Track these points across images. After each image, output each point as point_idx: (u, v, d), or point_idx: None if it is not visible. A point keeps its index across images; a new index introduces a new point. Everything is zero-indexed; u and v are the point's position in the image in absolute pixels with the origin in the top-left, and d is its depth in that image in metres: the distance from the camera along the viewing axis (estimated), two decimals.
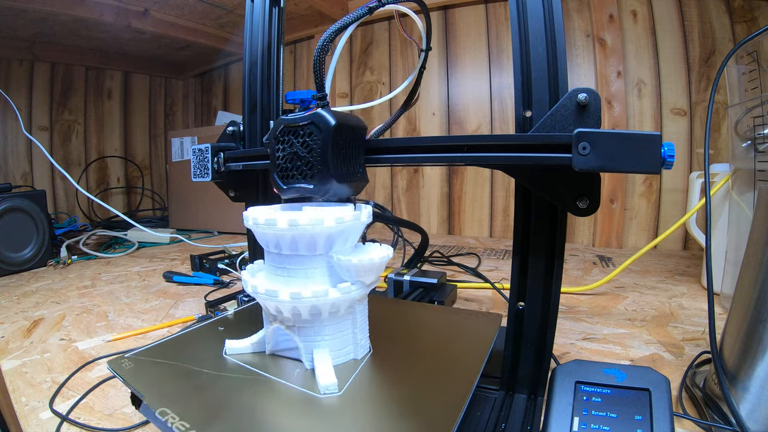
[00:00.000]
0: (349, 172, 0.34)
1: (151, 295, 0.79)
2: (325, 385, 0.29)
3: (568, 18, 1.22)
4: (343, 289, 0.31)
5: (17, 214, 0.99)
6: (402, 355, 0.36)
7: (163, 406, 0.28)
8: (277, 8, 0.51)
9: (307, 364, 0.33)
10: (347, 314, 0.33)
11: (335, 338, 0.33)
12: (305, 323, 0.32)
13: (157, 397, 0.29)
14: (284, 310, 0.31)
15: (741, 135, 0.61)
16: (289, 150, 0.34)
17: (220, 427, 0.26)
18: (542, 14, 0.32)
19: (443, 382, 0.31)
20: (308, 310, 0.31)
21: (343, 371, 0.32)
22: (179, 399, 0.29)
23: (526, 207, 0.35)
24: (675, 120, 1.13)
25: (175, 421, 0.26)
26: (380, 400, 0.29)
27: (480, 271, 0.92)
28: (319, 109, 0.33)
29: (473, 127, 1.37)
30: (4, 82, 1.51)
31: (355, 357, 0.34)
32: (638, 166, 0.27)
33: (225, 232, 1.51)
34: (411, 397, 0.29)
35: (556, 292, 0.34)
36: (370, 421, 0.27)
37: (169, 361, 0.34)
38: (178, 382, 0.31)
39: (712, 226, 0.73)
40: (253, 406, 0.29)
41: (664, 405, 0.28)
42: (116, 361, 0.34)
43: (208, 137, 1.45)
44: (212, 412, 0.28)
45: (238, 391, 0.30)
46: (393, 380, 0.32)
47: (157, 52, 1.80)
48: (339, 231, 0.31)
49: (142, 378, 0.32)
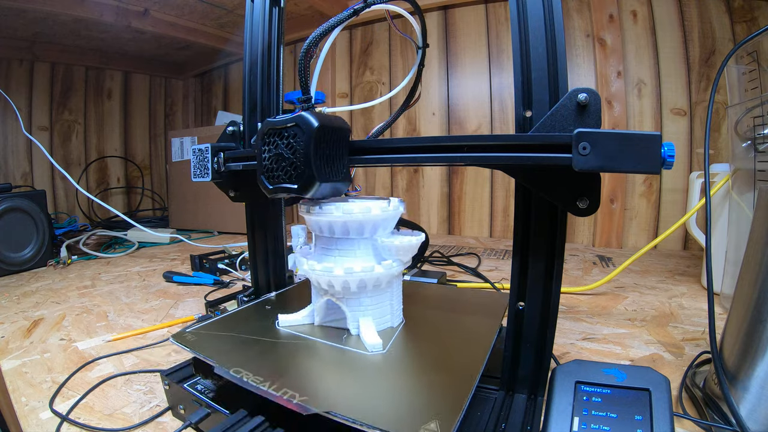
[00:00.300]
0: (332, 172, 0.36)
1: (151, 295, 0.79)
2: (372, 344, 0.35)
3: (568, 18, 1.22)
4: (386, 265, 0.37)
5: (17, 214, 0.99)
6: (428, 324, 0.42)
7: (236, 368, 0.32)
8: (277, 8, 0.51)
9: (353, 330, 0.38)
10: (387, 288, 0.39)
11: (377, 308, 0.39)
12: (353, 295, 0.38)
13: (227, 361, 0.33)
14: (336, 284, 0.37)
15: (741, 135, 0.61)
16: (274, 151, 0.36)
17: (289, 379, 0.30)
18: (542, 14, 0.32)
19: (462, 345, 0.37)
20: (357, 283, 0.37)
21: (384, 336, 0.38)
22: (247, 362, 0.33)
23: (526, 207, 0.35)
24: (675, 120, 1.13)
25: (250, 376, 0.30)
26: (417, 358, 0.35)
27: (480, 271, 0.92)
28: (303, 111, 0.34)
29: (473, 127, 1.37)
30: (4, 82, 1.51)
31: (392, 325, 0.40)
32: (638, 166, 0.27)
33: (225, 232, 1.51)
34: (440, 355, 0.35)
35: (556, 292, 0.34)
36: (412, 372, 0.33)
37: (229, 333, 0.39)
38: (242, 350, 0.36)
39: (712, 226, 0.73)
40: (312, 364, 0.34)
41: (664, 405, 0.28)
42: (180, 335, 0.38)
43: (208, 137, 1.45)
44: (279, 370, 0.32)
45: (297, 353, 0.35)
46: (424, 343, 0.38)
47: (157, 52, 1.80)
48: (383, 218, 0.38)
49: (208, 347, 0.36)
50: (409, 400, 0.29)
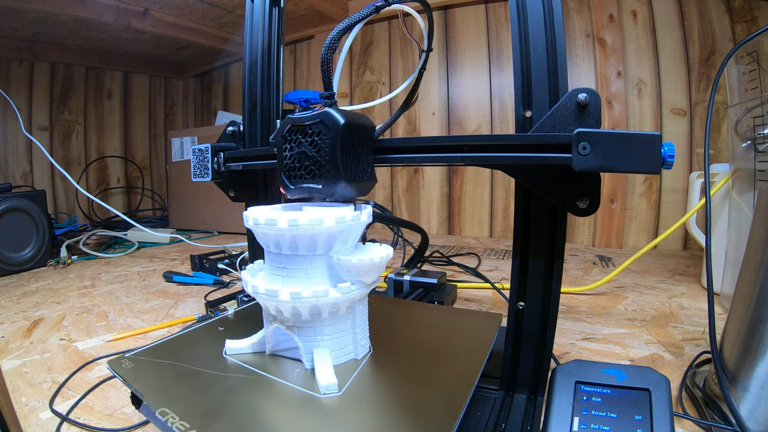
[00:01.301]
0: (358, 171, 0.34)
1: (151, 295, 0.79)
2: (325, 385, 0.29)
3: (568, 18, 1.22)
4: (343, 289, 0.31)
5: (17, 214, 0.99)
6: (402, 354, 0.36)
7: (164, 406, 0.28)
8: (277, 8, 0.51)
9: (307, 364, 0.33)
10: (347, 314, 0.33)
11: (335, 338, 0.33)
12: (305, 323, 0.32)
13: (158, 397, 0.29)
14: (284, 310, 0.31)
15: (741, 135, 0.61)
16: (297, 149, 0.34)
17: (220, 426, 0.26)
18: (542, 14, 0.32)
19: (443, 382, 0.31)
20: (308, 310, 0.31)
21: (343, 371, 0.32)
22: (179, 399, 0.29)
23: (526, 207, 0.35)
24: (675, 120, 1.13)
25: (176, 421, 0.26)
26: (380, 400, 0.29)
27: (480, 271, 0.92)
28: (328, 108, 0.32)
29: (473, 127, 1.37)
30: (4, 82, 1.51)
31: (355, 357, 0.34)
32: (638, 166, 0.27)
33: (225, 232, 1.51)
34: (411, 396, 0.29)
35: (556, 292, 0.34)
36: (371, 420, 0.27)
37: (170, 361, 0.34)
38: (179, 382, 0.31)
39: (712, 226, 0.73)
40: (253, 406, 0.29)
41: (664, 405, 0.28)
42: (116, 361, 0.34)
43: (208, 137, 1.45)
44: (212, 412, 0.28)
45: (238, 391, 0.30)
46: (393, 380, 0.32)
47: (157, 52, 1.80)
48: (339, 231, 0.31)
49: (143, 378, 0.32)
50: None
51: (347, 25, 0.34)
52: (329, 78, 0.34)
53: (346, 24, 0.34)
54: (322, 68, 0.34)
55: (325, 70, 0.34)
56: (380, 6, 0.36)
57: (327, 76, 0.34)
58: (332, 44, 0.33)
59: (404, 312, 0.47)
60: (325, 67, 0.34)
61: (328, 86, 0.34)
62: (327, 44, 0.33)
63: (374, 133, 0.36)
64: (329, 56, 0.33)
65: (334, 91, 0.34)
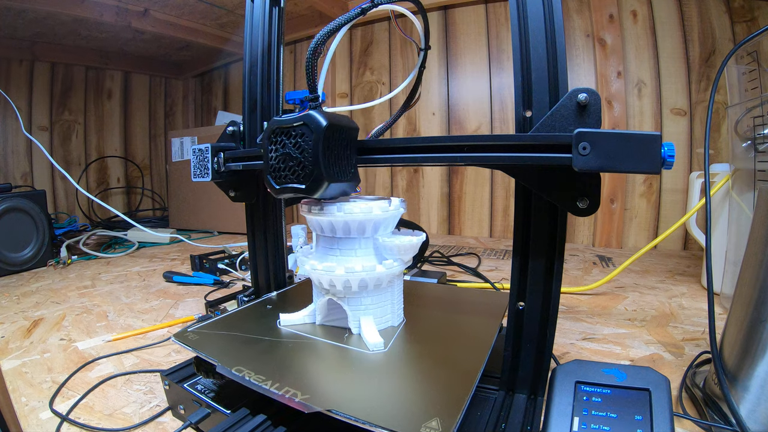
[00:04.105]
0: (341, 172, 0.35)
1: (151, 295, 0.79)
2: (373, 343, 0.35)
3: (568, 18, 1.22)
4: (387, 264, 0.37)
5: (17, 214, 0.99)
6: (429, 324, 0.42)
7: (238, 366, 0.32)
8: (277, 8, 0.51)
9: (355, 329, 0.38)
10: (388, 287, 0.39)
11: (378, 307, 0.39)
12: (354, 294, 0.38)
13: (229, 360, 0.33)
14: (338, 283, 0.37)
15: (741, 135, 0.61)
16: (281, 150, 0.35)
17: (291, 378, 0.30)
18: (542, 14, 0.32)
19: (463, 344, 0.37)
20: (358, 282, 0.37)
21: (385, 335, 0.38)
22: (249, 361, 0.33)
23: (526, 207, 0.35)
24: (675, 120, 1.13)
25: (252, 375, 0.31)
26: (418, 357, 0.35)
27: (480, 271, 0.92)
28: (311, 110, 0.33)
29: (473, 127, 1.37)
30: (4, 82, 1.51)
31: (392, 324, 0.40)
32: (638, 166, 0.27)
33: (225, 232, 1.51)
34: (440, 355, 0.35)
35: (556, 292, 0.34)
36: (412, 371, 0.33)
37: (231, 332, 0.39)
38: (244, 348, 0.36)
39: (712, 226, 0.73)
40: (315, 362, 0.34)
41: (664, 405, 0.28)
42: (181, 334, 0.38)
43: (208, 137, 1.45)
44: (281, 368, 0.32)
45: (298, 352, 0.35)
46: (425, 341, 0.38)
47: (157, 52, 1.80)
48: (383, 218, 0.38)
49: (210, 347, 0.36)
50: (410, 399, 0.29)
51: (331, 28, 0.35)
52: (314, 81, 0.35)
53: (330, 27, 0.35)
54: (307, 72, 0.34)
55: (310, 73, 0.34)
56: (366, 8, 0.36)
57: (312, 79, 0.35)
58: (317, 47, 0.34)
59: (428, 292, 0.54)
60: (310, 71, 0.34)
61: (312, 89, 0.35)
62: (312, 47, 0.34)
63: (357, 134, 0.37)
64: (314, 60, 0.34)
65: (318, 93, 0.35)
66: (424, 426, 0.25)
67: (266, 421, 0.31)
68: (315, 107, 0.34)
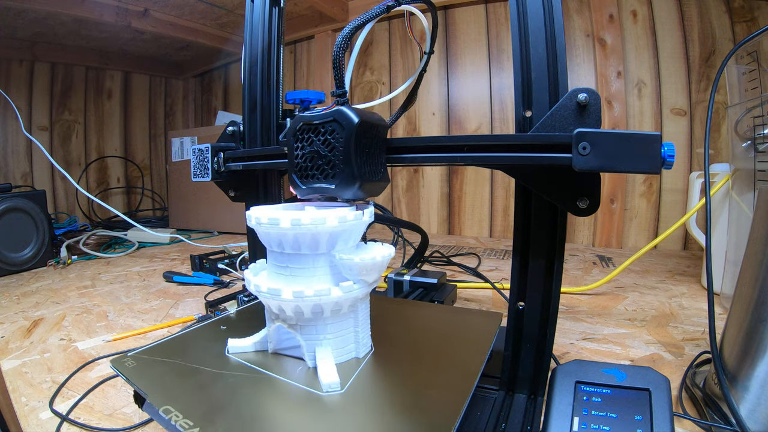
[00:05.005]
0: (372, 171, 0.33)
1: (151, 295, 0.79)
2: (327, 383, 0.29)
3: (568, 18, 1.22)
4: (345, 287, 0.31)
5: (17, 214, 0.99)
6: (403, 353, 0.36)
7: (167, 404, 0.28)
8: (277, 8, 0.51)
9: (310, 362, 0.33)
10: (349, 313, 0.33)
11: (337, 337, 0.33)
12: (308, 322, 0.32)
13: (161, 395, 0.29)
14: (287, 309, 0.31)
15: (741, 135, 0.61)
16: (309, 148, 0.33)
17: (223, 424, 0.26)
18: (542, 14, 0.32)
19: (444, 381, 0.31)
20: (311, 308, 0.31)
21: (345, 369, 0.32)
22: (182, 397, 0.29)
23: (526, 207, 0.35)
24: (675, 120, 1.13)
25: (179, 419, 0.26)
26: (382, 399, 0.29)
27: (480, 271, 0.92)
28: (341, 106, 0.32)
29: (473, 127, 1.37)
30: (4, 82, 1.51)
31: (357, 355, 0.34)
32: (638, 166, 0.27)
33: (225, 232, 1.51)
34: (412, 395, 0.29)
35: (556, 292, 0.34)
36: (373, 418, 0.27)
37: (172, 360, 0.34)
38: (181, 381, 0.31)
39: (712, 226, 0.73)
40: (256, 404, 0.29)
41: (664, 405, 0.28)
42: (119, 360, 0.34)
43: (208, 137, 1.45)
44: (215, 410, 0.28)
45: (240, 389, 0.30)
46: (394, 379, 0.32)
47: (157, 52, 1.80)
48: (341, 230, 0.31)
49: (145, 376, 0.32)
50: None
51: (359, 23, 0.34)
52: (341, 76, 0.33)
53: (357, 22, 0.34)
54: (334, 66, 0.33)
55: (337, 68, 0.33)
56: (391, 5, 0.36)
57: (339, 74, 0.33)
58: (344, 42, 0.33)
59: (404, 311, 0.47)
60: (337, 65, 0.33)
61: (340, 84, 0.34)
62: (339, 42, 0.33)
63: (387, 132, 0.35)
64: (341, 54, 0.33)
65: (346, 89, 0.34)
66: None
67: None
68: (343, 103, 0.33)
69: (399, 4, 0.36)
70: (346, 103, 0.33)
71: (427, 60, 0.44)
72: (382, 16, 0.36)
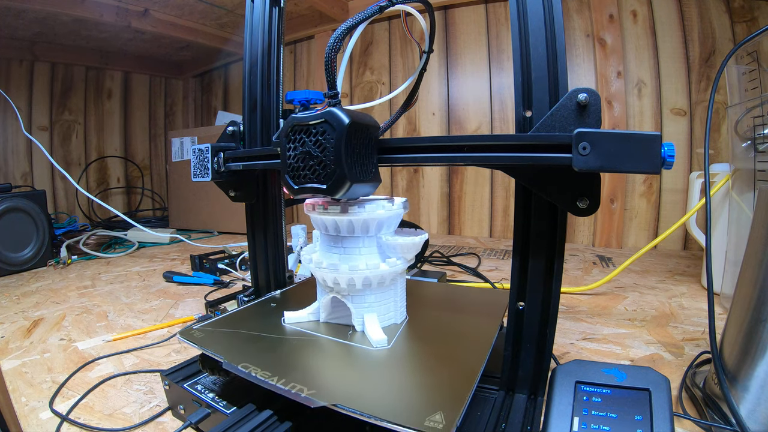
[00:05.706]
0: (363, 171, 0.34)
1: (151, 295, 0.79)
2: (376, 340, 0.36)
3: (568, 18, 1.22)
4: (391, 263, 0.38)
5: (17, 214, 0.99)
6: (431, 322, 0.43)
7: (243, 362, 0.33)
8: (277, 8, 0.51)
9: (358, 326, 0.39)
10: (390, 285, 0.40)
11: (381, 305, 0.39)
12: (358, 292, 0.39)
13: (234, 357, 0.34)
14: (341, 281, 0.38)
15: (741, 135, 0.61)
16: (300, 149, 0.34)
17: (297, 374, 0.31)
18: (542, 14, 0.32)
19: (464, 341, 0.38)
20: (362, 280, 0.37)
21: (388, 331, 0.38)
22: (254, 357, 0.34)
23: (526, 207, 0.35)
24: (675, 120, 1.13)
25: (258, 371, 0.31)
26: (421, 352, 0.35)
27: (480, 271, 0.92)
28: (332, 107, 0.32)
29: (473, 127, 1.37)
30: (4, 82, 1.51)
31: (395, 321, 0.41)
32: (638, 166, 0.27)
33: (225, 232, 1.51)
34: (442, 352, 0.36)
35: (556, 292, 0.34)
36: (415, 367, 0.33)
37: (235, 330, 0.40)
38: (249, 345, 0.37)
39: (712, 226, 0.73)
40: (320, 359, 0.34)
41: (664, 405, 0.28)
42: (187, 332, 0.39)
43: (208, 137, 1.45)
44: (287, 365, 0.33)
45: (304, 349, 0.36)
46: (427, 339, 0.38)
47: (157, 52, 1.80)
48: (387, 217, 0.38)
49: (215, 344, 0.37)
50: (413, 394, 0.29)
51: (351, 24, 0.34)
52: (333, 77, 0.34)
53: (349, 24, 0.34)
54: (326, 68, 0.33)
55: (329, 69, 0.33)
56: (384, 6, 0.36)
57: (331, 75, 0.34)
58: (336, 44, 0.33)
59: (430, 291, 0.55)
60: (329, 67, 0.33)
61: (332, 86, 0.34)
62: (331, 44, 0.33)
63: (378, 132, 0.36)
64: (333, 56, 0.33)
65: (338, 90, 0.34)
66: (427, 419, 0.25)
67: (273, 416, 0.31)
68: (335, 104, 0.33)
69: (393, 4, 0.36)
70: (338, 104, 0.33)
71: (427, 59, 0.44)
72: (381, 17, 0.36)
